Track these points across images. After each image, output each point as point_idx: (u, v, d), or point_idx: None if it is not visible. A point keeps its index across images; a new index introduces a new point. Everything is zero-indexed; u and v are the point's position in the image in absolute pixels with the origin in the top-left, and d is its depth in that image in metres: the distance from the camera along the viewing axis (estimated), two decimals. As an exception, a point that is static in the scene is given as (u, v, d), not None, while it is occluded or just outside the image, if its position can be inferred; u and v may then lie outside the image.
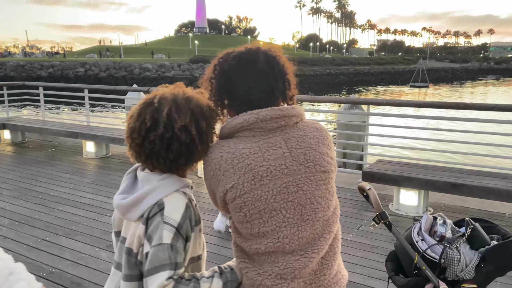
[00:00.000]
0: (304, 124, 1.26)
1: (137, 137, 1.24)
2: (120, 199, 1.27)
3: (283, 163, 1.18)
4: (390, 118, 15.42)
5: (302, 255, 1.20)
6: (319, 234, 1.22)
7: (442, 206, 4.55)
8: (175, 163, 1.26)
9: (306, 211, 1.20)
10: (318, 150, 1.22)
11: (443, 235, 2.15)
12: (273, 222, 1.18)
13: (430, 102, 4.77)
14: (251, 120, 1.19)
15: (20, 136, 7.97)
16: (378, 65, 73.95)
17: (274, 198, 1.17)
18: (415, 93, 47.62)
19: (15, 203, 4.64)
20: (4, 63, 44.89)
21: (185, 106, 1.24)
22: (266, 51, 1.26)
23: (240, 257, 1.26)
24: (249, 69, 1.23)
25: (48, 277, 3.09)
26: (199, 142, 1.25)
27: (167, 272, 1.12)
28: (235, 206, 1.18)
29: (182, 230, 1.19)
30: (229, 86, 1.25)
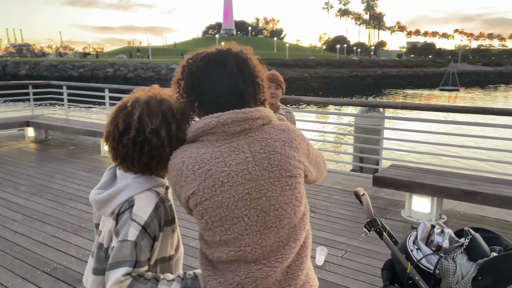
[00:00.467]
0: (271, 126, 1.20)
1: (112, 141, 1.27)
2: (95, 194, 1.30)
3: (246, 168, 1.13)
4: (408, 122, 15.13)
5: (265, 264, 1.15)
6: (284, 242, 1.16)
7: (457, 214, 4.39)
8: (148, 166, 1.28)
9: (270, 218, 1.14)
10: (284, 154, 1.16)
11: (439, 244, 2.05)
12: (235, 229, 1.13)
13: (448, 106, 4.59)
14: (212, 124, 1.15)
15: (43, 133, 8.20)
16: (407, 67, 72.40)
17: (236, 205, 1.13)
18: (444, 97, 46.38)
19: (31, 199, 4.77)
20: (38, 63, 46.53)
21: (157, 109, 1.25)
22: (236, 53, 1.22)
23: (204, 264, 1.22)
24: (218, 71, 1.19)
25: (51, 273, 3.15)
26: (169, 144, 1.25)
27: (125, 269, 1.13)
28: (197, 212, 1.15)
29: (149, 229, 1.20)
30: (197, 88, 1.21)
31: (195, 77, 1.20)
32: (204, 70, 1.19)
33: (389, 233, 2.30)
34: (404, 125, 13.90)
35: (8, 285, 2.97)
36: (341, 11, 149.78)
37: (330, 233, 3.89)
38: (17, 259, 3.35)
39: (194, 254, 3.44)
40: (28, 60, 51.30)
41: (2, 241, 3.67)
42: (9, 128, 8.29)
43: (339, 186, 5.28)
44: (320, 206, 4.59)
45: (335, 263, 3.32)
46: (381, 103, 5.36)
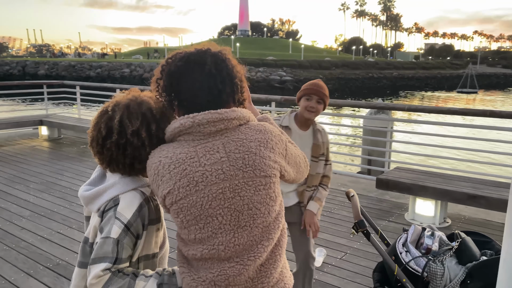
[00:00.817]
0: (247, 127, 1.22)
1: (96, 146, 1.30)
2: (84, 190, 1.35)
3: (220, 168, 1.15)
4: (416, 124, 14.88)
5: (237, 262, 1.17)
6: (257, 241, 1.18)
7: (463, 218, 4.33)
8: (132, 167, 1.31)
9: (244, 217, 1.16)
10: (258, 154, 1.17)
11: (429, 247, 2.04)
12: (209, 228, 1.16)
13: (454, 109, 4.52)
14: (187, 124, 1.16)
15: (56, 132, 8.37)
16: (424, 69, 71.44)
17: (210, 204, 1.15)
18: (462, 99, 45.61)
19: (39, 196, 4.88)
20: (57, 63, 47.45)
21: (137, 110, 1.28)
22: (215, 53, 1.23)
23: (180, 261, 1.25)
24: (196, 71, 1.20)
25: (53, 268, 3.23)
26: (149, 144, 1.28)
27: (105, 264, 1.17)
28: (173, 211, 1.18)
29: (132, 227, 1.23)
30: (176, 87, 1.22)
31: (174, 77, 1.21)
32: (183, 70, 1.20)
33: (381, 235, 2.29)
34: (412, 127, 13.77)
35: (11, 280, 3.05)
36: (358, 12, 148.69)
37: (332, 234, 3.88)
38: (22, 254, 3.43)
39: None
40: (47, 60, 52.36)
41: (8, 236, 3.76)
42: (24, 126, 8.49)
43: (344, 188, 5.26)
44: (324, 207, 4.57)
45: (334, 265, 3.32)
46: (388, 105, 5.32)
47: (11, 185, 5.23)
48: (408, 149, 7.56)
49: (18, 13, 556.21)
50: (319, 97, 2.34)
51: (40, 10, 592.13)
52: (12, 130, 8.53)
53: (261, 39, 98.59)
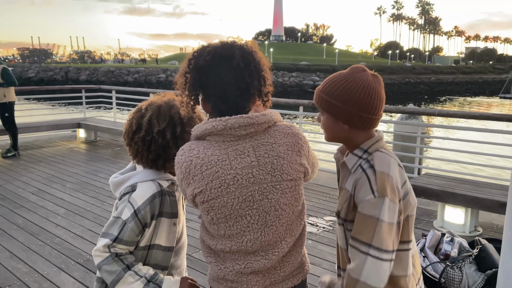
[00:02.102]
0: (276, 129, 1.25)
1: (127, 138, 1.45)
2: (113, 177, 1.50)
3: (250, 172, 1.20)
4: (450, 130, 14.36)
5: (262, 256, 1.25)
6: (281, 238, 1.27)
7: (495, 227, 4.18)
8: (155, 163, 1.43)
9: (270, 217, 1.23)
10: (286, 159, 1.23)
11: (447, 253, 2.01)
12: (238, 226, 1.22)
13: (487, 114, 4.37)
14: (220, 127, 1.19)
15: (93, 135, 8.71)
16: (464, 74, 69.11)
17: (240, 205, 1.20)
18: (504, 105, 43.74)
19: (74, 195, 5.10)
20: (97, 69, 49.32)
21: (166, 112, 1.40)
22: (241, 46, 1.25)
23: (206, 252, 1.34)
24: (224, 65, 1.21)
25: (83, 264, 3.37)
26: (173, 145, 1.39)
27: (106, 240, 1.31)
28: (204, 209, 1.23)
29: (140, 214, 1.35)
30: (204, 81, 1.24)
31: (202, 71, 1.23)
32: (211, 64, 1.22)
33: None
34: (444, 133, 13.33)
35: (44, 273, 3.22)
36: (394, 16, 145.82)
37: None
38: (55, 250, 3.61)
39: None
40: (88, 66, 54.54)
41: (44, 232, 3.97)
42: (63, 129, 8.89)
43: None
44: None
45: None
46: (418, 110, 5.21)
47: (49, 184, 5.50)
48: (440, 155, 7.35)
49: (62, 21, 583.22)
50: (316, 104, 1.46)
51: (83, 18, 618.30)
52: (52, 132, 8.95)
53: (294, 44, 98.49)
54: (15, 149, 7.12)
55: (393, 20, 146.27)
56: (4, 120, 6.95)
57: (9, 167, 6.41)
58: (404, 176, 1.28)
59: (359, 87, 1.23)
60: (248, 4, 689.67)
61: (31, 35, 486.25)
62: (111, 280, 1.31)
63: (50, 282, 3.10)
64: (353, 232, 1.21)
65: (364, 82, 1.24)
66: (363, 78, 1.24)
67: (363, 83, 1.23)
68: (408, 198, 1.26)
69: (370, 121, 1.25)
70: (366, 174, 1.23)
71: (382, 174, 1.21)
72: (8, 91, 6.85)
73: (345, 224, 1.29)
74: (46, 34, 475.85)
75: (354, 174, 1.27)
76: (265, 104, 1.31)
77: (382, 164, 1.23)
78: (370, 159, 1.26)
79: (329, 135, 1.33)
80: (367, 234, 1.17)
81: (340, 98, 1.24)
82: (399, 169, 1.27)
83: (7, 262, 3.38)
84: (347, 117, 1.25)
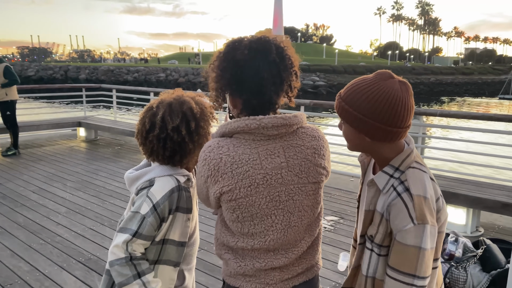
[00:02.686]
0: (304, 132, 1.27)
1: (140, 138, 1.45)
2: (128, 173, 1.50)
3: (279, 173, 1.21)
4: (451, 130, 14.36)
5: (282, 255, 1.28)
6: (301, 238, 1.31)
7: (497, 227, 4.18)
8: (172, 159, 1.44)
9: (294, 218, 1.26)
10: (313, 162, 1.25)
11: (452, 253, 2.00)
12: (262, 225, 1.24)
13: (489, 115, 4.37)
14: (253, 126, 1.18)
15: (93, 133, 8.70)
16: (464, 75, 69.08)
17: (267, 205, 1.22)
18: (503, 106, 43.74)
19: (75, 194, 5.09)
20: (97, 67, 49.29)
21: (178, 109, 1.41)
22: (276, 41, 1.24)
23: (223, 249, 1.34)
24: (261, 59, 1.19)
25: (85, 263, 3.37)
26: (190, 140, 1.41)
27: (126, 236, 1.31)
28: (229, 206, 1.23)
29: (159, 209, 1.36)
30: (239, 76, 1.21)
31: (239, 65, 1.21)
32: (248, 59, 1.20)
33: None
34: (445, 133, 13.33)
35: (45, 272, 3.21)
36: (394, 17, 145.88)
37: (357, 240, 3.84)
38: (56, 249, 3.60)
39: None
40: (88, 65, 54.49)
41: (45, 231, 3.96)
42: (63, 127, 8.89)
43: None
44: (350, 212, 4.54)
45: (358, 270, 3.28)
46: (419, 110, 5.20)
47: (50, 183, 5.49)
48: (441, 155, 7.35)
49: (62, 20, 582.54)
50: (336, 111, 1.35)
51: (83, 17, 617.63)
52: (52, 131, 8.94)
53: (294, 44, 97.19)
54: (16, 147, 7.11)
55: (393, 21, 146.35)
56: (6, 118, 6.94)
57: (10, 165, 6.40)
58: (438, 192, 1.19)
59: (384, 98, 1.10)
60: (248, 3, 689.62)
61: (31, 33, 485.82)
62: (119, 282, 1.32)
63: (52, 280, 3.09)
64: (393, 263, 1.14)
65: (390, 92, 1.11)
66: (389, 86, 1.11)
67: (388, 93, 1.10)
68: (440, 215, 1.18)
69: (396, 134, 1.14)
70: (403, 199, 1.13)
71: (419, 199, 1.12)
72: (10, 89, 6.84)
73: (379, 249, 1.20)
74: (46, 33, 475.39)
75: (385, 195, 1.18)
76: (290, 99, 1.32)
77: (417, 186, 1.14)
78: (403, 179, 1.16)
79: (351, 146, 1.24)
80: (410, 265, 1.11)
81: (362, 109, 1.12)
82: (433, 184, 1.19)
83: (8, 261, 3.37)
84: (369, 130, 1.14)
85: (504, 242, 2.06)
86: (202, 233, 3.88)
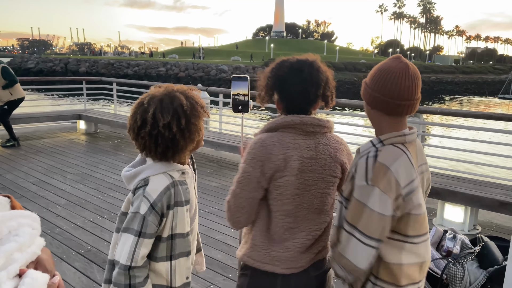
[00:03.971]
0: (331, 136, 1.60)
1: (132, 134, 1.46)
2: (125, 171, 1.52)
3: (310, 163, 1.51)
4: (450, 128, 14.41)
5: (308, 233, 1.55)
6: (321, 221, 1.58)
7: (494, 226, 4.20)
8: (164, 155, 1.45)
9: (317, 201, 1.55)
10: (334, 159, 1.56)
11: (449, 250, 2.02)
12: (295, 203, 1.51)
13: (488, 113, 4.39)
14: (297, 121, 1.52)
15: (93, 126, 8.70)
16: (464, 74, 68.98)
17: (299, 186, 1.50)
18: (504, 105, 43.75)
19: (75, 186, 5.11)
20: (97, 61, 49.14)
21: (169, 105, 1.42)
22: (311, 62, 1.58)
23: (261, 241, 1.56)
24: (296, 77, 1.55)
25: (84, 254, 3.39)
26: (181, 137, 1.43)
27: (132, 237, 1.37)
28: (275, 185, 1.50)
29: (157, 207, 1.39)
30: (280, 87, 1.59)
31: (282, 79, 1.58)
32: (287, 77, 1.57)
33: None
34: (444, 131, 13.34)
35: (45, 262, 3.22)
36: (396, 14, 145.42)
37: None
38: (56, 240, 3.62)
39: (219, 247, 3.56)
40: (88, 58, 54.33)
41: (45, 223, 3.97)
42: (63, 120, 8.90)
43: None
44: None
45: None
46: (419, 108, 5.20)
47: (50, 175, 5.50)
48: (441, 153, 7.37)
49: (62, 12, 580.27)
50: None
51: (83, 10, 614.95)
52: (52, 123, 8.94)
53: (295, 41, 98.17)
54: (14, 139, 7.11)
55: (395, 18, 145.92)
56: (0, 111, 6.89)
57: (10, 157, 6.41)
58: (412, 176, 1.31)
59: (382, 73, 1.35)
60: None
61: (31, 25, 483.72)
62: (114, 283, 1.40)
63: (51, 271, 3.10)
64: (346, 215, 1.34)
65: (388, 69, 1.34)
66: (389, 64, 1.35)
67: (386, 70, 1.34)
68: (411, 197, 1.30)
69: (390, 105, 1.33)
70: (367, 161, 1.31)
71: (381, 166, 1.28)
72: (13, 89, 6.84)
73: (346, 202, 1.38)
74: (46, 25, 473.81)
75: (358, 157, 1.37)
76: (327, 104, 1.61)
77: (386, 157, 1.30)
78: (380, 149, 1.33)
79: (371, 122, 1.45)
80: (354, 217, 1.29)
81: (368, 82, 1.40)
82: (407, 167, 1.31)
83: (8, 251, 3.38)
84: (369, 99, 1.38)
85: (502, 240, 2.08)
86: (201, 227, 3.89)
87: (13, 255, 0.66)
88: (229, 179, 5.54)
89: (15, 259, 0.66)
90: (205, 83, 39.28)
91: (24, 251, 0.69)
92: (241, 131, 2.53)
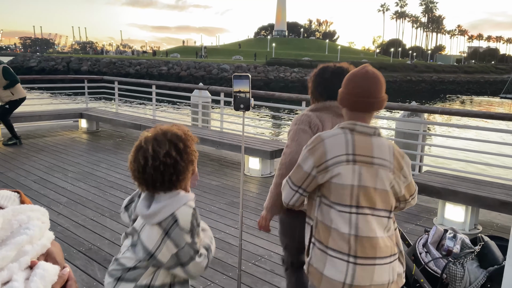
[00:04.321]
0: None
1: (138, 174, 1.55)
2: (142, 206, 1.57)
3: None
4: (451, 128, 14.35)
5: None
6: None
7: (495, 225, 4.20)
8: (171, 182, 1.56)
9: None
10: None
11: (450, 249, 2.02)
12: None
13: (490, 113, 4.37)
14: (333, 105, 2.11)
15: (95, 125, 8.71)
16: (466, 73, 68.78)
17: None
18: (505, 105, 43.64)
19: (76, 184, 5.12)
20: (99, 59, 49.12)
21: (163, 138, 1.56)
22: (347, 69, 2.10)
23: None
24: (336, 79, 1.99)
25: (85, 252, 3.40)
26: (181, 159, 1.55)
27: (196, 257, 1.54)
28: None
29: (195, 231, 1.57)
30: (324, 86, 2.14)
31: (326, 81, 2.14)
32: (330, 78, 2.13)
33: (402, 235, 2.28)
34: (446, 131, 13.31)
35: (46, 260, 3.23)
36: (398, 14, 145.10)
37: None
38: (57, 238, 3.63)
39: (219, 246, 3.57)
40: (90, 57, 54.34)
41: (46, 220, 3.98)
42: (65, 118, 8.91)
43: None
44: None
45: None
46: (420, 107, 5.20)
47: (51, 173, 5.52)
48: (442, 153, 7.36)
49: (64, 11, 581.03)
50: None
51: (85, 9, 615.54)
52: (54, 122, 8.96)
53: (297, 40, 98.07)
54: (16, 137, 7.12)
55: (396, 18, 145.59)
56: (1, 110, 6.91)
57: (11, 155, 6.42)
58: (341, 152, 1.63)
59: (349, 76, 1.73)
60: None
61: (33, 24, 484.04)
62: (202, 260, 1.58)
63: (52, 269, 3.11)
64: None
65: (353, 72, 1.72)
66: (355, 70, 1.74)
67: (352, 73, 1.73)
68: (333, 168, 1.63)
69: (347, 99, 1.70)
70: None
71: (317, 136, 1.70)
72: (14, 89, 6.85)
73: None
74: (49, 23, 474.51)
75: None
76: None
77: (327, 133, 1.71)
78: None
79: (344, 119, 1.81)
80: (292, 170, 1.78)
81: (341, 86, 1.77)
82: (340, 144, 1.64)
83: (10, 249, 3.39)
84: (340, 99, 1.75)
85: (502, 240, 2.08)
86: (202, 225, 3.90)
87: (24, 247, 0.68)
88: (230, 178, 5.55)
89: (26, 251, 0.68)
90: (207, 82, 39.28)
91: (34, 243, 0.71)
92: (242, 130, 2.53)
